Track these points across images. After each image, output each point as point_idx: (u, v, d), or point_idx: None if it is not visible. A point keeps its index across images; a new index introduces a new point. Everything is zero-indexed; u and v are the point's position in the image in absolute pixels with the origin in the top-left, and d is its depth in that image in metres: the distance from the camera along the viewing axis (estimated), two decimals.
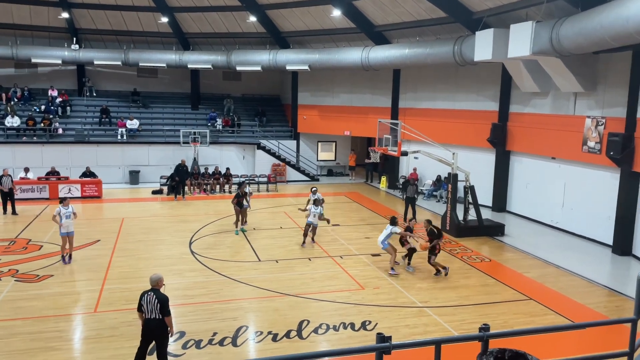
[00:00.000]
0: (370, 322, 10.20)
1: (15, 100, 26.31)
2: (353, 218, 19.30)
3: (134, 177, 25.22)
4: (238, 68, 26.73)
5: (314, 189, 16.84)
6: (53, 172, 22.44)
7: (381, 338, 3.46)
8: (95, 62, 27.12)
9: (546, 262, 14.47)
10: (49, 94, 26.96)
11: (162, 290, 7.82)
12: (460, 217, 17.15)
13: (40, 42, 26.64)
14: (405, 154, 18.00)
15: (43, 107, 26.01)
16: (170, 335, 7.98)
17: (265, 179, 25.59)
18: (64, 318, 10.25)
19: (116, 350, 8.81)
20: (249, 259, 14.15)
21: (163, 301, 7.68)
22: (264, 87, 31.15)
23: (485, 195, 19.94)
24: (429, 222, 13.30)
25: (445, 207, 17.82)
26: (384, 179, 26.19)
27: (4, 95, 26.20)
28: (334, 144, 29.91)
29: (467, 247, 15.76)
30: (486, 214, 18.63)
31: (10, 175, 19.33)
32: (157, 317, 7.66)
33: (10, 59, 25.92)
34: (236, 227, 16.68)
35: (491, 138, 20.49)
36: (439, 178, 23.10)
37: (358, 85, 26.40)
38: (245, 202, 16.60)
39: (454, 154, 17.22)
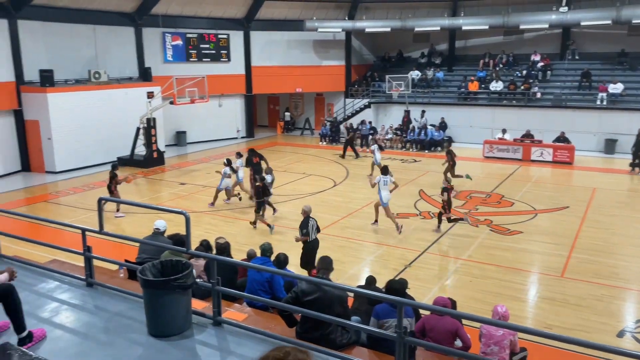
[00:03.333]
0: None
1: (501, 66, 28.44)
2: None
3: (610, 145, 23.28)
4: None
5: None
6: (528, 135, 23.31)
7: None
8: (582, 23, 25.89)
9: None
10: (531, 59, 27.77)
11: None
12: None
13: (529, 9, 27.48)
14: None
15: (524, 72, 27.10)
16: None
17: None
18: (530, 275, 10.71)
19: (581, 320, 8.56)
20: None
21: None
22: None
23: None
24: None
25: None
26: None
27: (491, 61, 28.75)
28: None
29: None
30: None
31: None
32: None
33: (501, 27, 27.92)
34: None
35: None
36: None
37: None
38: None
39: None
